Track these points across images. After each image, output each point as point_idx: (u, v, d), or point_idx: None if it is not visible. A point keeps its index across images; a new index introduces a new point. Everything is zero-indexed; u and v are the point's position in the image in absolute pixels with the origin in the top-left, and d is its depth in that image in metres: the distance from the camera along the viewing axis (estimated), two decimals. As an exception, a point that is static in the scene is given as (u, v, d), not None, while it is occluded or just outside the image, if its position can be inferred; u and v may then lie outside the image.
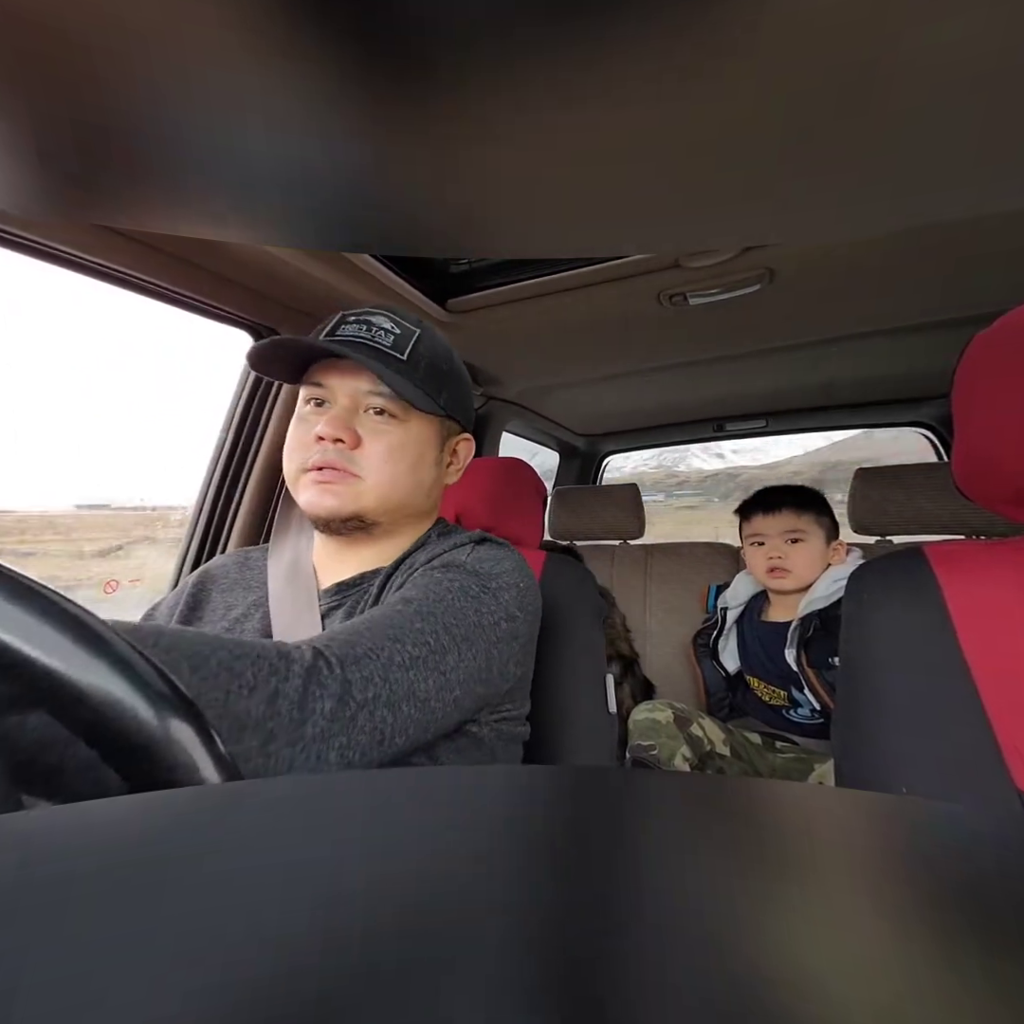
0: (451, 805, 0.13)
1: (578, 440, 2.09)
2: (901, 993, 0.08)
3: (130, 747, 0.19)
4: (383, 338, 0.49)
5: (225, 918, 0.09)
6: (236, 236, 0.50)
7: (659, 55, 0.26)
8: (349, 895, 0.10)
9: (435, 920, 0.09)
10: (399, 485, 0.49)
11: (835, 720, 0.51)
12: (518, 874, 0.11)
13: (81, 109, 0.31)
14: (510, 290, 0.93)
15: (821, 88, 0.29)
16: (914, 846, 0.13)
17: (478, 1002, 0.08)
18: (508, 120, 0.30)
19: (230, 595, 0.54)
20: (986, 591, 0.45)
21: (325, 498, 0.47)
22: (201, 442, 0.97)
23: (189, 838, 0.12)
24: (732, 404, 1.77)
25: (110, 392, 4.14)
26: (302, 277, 0.79)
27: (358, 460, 0.48)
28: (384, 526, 0.51)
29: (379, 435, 0.48)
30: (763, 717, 1.09)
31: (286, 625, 0.49)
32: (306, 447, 0.48)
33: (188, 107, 0.31)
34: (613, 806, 0.13)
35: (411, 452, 0.50)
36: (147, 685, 0.20)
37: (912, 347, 1.24)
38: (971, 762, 0.41)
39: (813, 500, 1.09)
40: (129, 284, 0.70)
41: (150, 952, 0.09)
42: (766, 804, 0.14)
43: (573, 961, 0.09)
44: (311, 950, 0.09)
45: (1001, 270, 0.86)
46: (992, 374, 0.45)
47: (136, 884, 0.10)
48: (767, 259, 0.84)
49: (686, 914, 0.10)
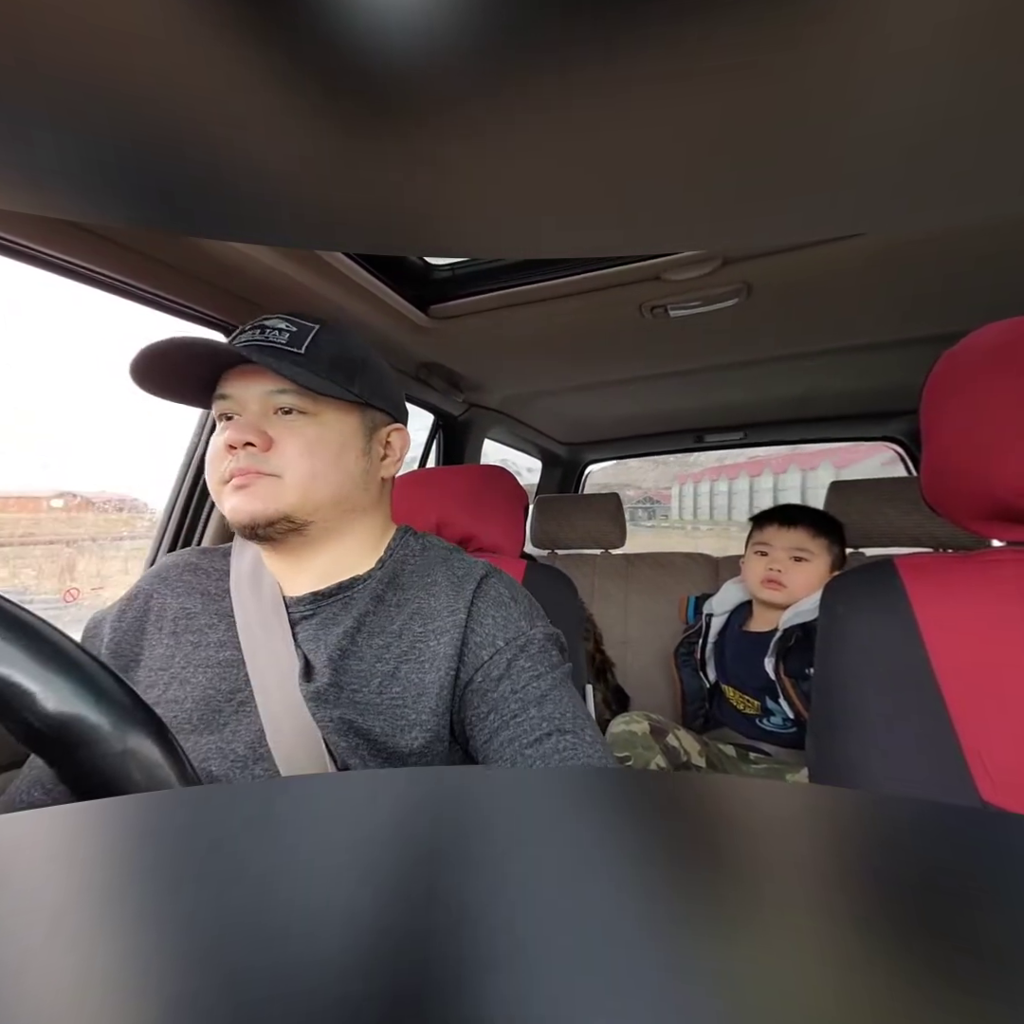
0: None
1: (560, 448, 2.10)
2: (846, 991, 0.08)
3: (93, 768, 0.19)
4: (277, 337, 0.48)
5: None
6: (204, 231, 0.49)
7: (644, 57, 0.26)
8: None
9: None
10: (321, 479, 0.48)
11: (809, 731, 0.51)
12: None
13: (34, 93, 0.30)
14: (492, 298, 0.93)
15: (808, 94, 0.29)
16: (857, 837, 0.12)
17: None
18: (480, 117, 0.30)
19: (187, 600, 0.52)
20: (953, 603, 0.46)
21: (245, 502, 0.46)
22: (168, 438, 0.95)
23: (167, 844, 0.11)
24: (711, 416, 1.80)
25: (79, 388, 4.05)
26: (281, 280, 0.78)
27: (272, 460, 0.46)
28: (319, 525, 0.49)
29: (291, 432, 0.47)
30: (737, 726, 1.10)
31: (254, 635, 0.48)
32: (221, 459, 0.47)
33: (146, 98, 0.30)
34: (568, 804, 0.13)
35: (329, 445, 0.48)
36: (110, 700, 0.19)
37: (884, 363, 1.27)
38: (938, 776, 0.42)
39: (830, 527, 1.09)
40: (97, 282, 0.68)
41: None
42: (723, 799, 0.14)
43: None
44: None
45: (970, 291, 0.90)
46: (958, 391, 0.46)
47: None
48: (745, 274, 0.85)
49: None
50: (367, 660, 0.47)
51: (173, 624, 0.51)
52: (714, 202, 0.39)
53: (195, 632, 0.50)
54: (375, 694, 0.46)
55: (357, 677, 0.46)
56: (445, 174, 0.36)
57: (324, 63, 0.27)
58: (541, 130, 0.31)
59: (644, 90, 0.28)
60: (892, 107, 0.30)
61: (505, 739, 0.44)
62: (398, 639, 0.48)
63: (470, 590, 0.50)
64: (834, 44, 0.26)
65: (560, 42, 0.25)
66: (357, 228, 0.45)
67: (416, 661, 0.47)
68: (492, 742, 0.44)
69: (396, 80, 0.28)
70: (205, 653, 0.48)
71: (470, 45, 0.25)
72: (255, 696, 0.45)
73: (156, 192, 0.39)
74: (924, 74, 0.27)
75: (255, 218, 0.43)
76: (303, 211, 0.42)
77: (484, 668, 0.46)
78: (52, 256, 0.62)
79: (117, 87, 0.29)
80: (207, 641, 0.49)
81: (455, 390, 1.34)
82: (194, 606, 0.51)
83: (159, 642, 0.50)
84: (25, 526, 1.39)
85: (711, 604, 1.21)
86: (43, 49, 0.27)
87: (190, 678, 0.47)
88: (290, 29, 0.25)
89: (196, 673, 0.47)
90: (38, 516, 1.38)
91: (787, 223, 0.42)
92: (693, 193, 0.38)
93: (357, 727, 0.44)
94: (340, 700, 0.45)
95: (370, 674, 0.46)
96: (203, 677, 0.47)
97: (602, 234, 0.44)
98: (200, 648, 0.49)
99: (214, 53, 0.27)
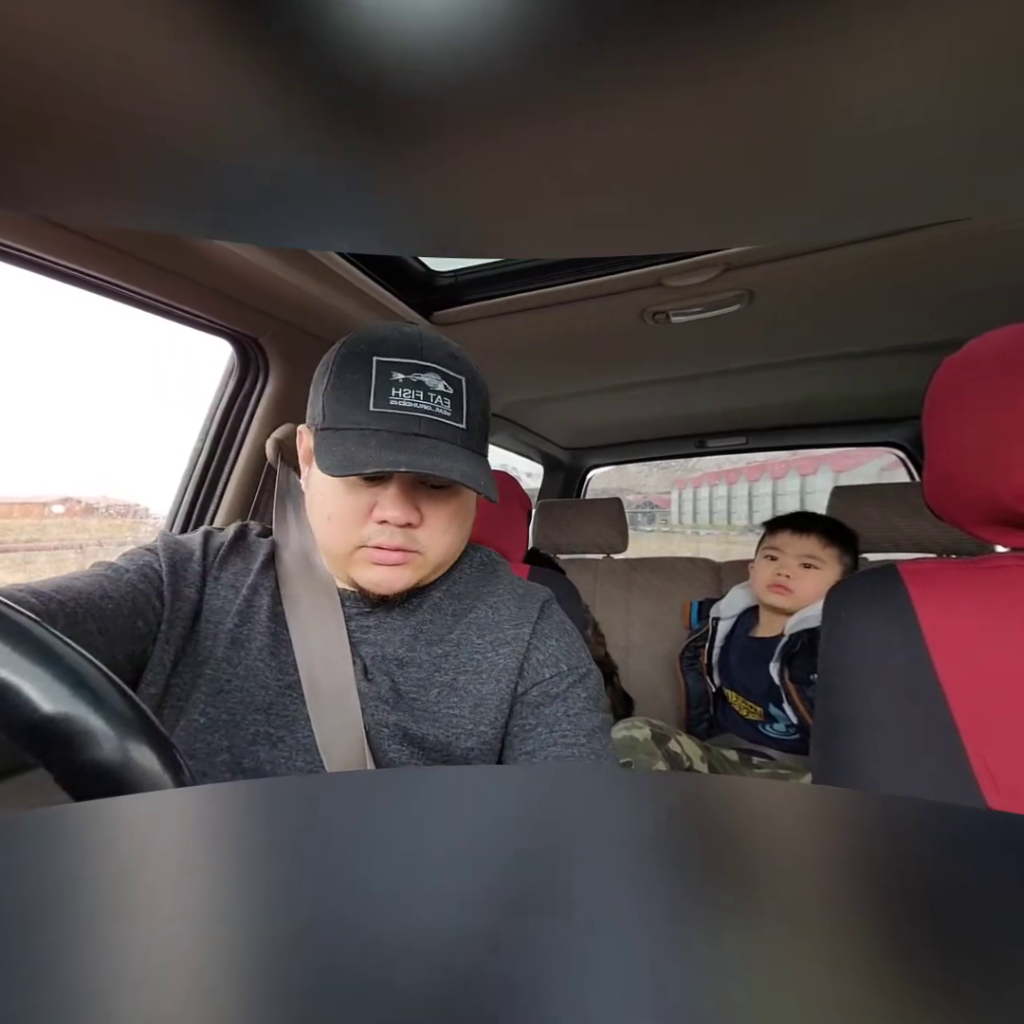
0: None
1: (562, 454, 2.10)
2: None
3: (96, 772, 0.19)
4: (442, 405, 0.43)
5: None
6: (203, 232, 0.49)
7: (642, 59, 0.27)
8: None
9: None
10: (454, 551, 0.49)
11: (813, 738, 0.51)
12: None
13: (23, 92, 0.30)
14: (495, 304, 0.94)
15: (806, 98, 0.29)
16: (871, 842, 0.13)
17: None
18: (479, 117, 0.30)
19: (231, 565, 0.50)
20: (957, 609, 0.46)
21: (395, 581, 0.45)
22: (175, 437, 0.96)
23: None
24: (713, 421, 1.80)
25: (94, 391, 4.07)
26: (284, 287, 0.78)
27: (421, 539, 0.46)
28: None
29: (438, 508, 0.46)
30: (740, 731, 1.09)
31: (301, 619, 0.46)
32: (362, 524, 0.44)
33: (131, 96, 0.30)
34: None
35: (463, 516, 0.49)
36: (110, 707, 0.19)
37: (885, 369, 1.28)
38: (943, 782, 0.41)
39: (843, 537, 1.09)
40: (99, 288, 0.69)
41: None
42: (735, 802, 0.14)
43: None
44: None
45: (971, 298, 0.90)
46: (960, 397, 0.46)
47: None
48: (747, 281, 0.86)
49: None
50: (426, 669, 0.47)
51: (232, 578, 0.49)
52: (714, 202, 0.39)
53: (247, 591, 0.48)
54: (433, 703, 0.46)
55: (416, 685, 0.46)
56: (445, 173, 0.36)
57: (322, 63, 0.27)
58: (540, 130, 0.32)
59: (644, 90, 0.29)
60: (899, 108, 0.30)
61: (552, 755, 0.44)
62: (456, 648, 0.48)
63: (535, 609, 0.51)
64: (839, 46, 0.26)
65: (560, 42, 0.26)
66: (357, 227, 0.45)
67: (475, 672, 0.47)
68: (536, 754, 0.45)
69: (395, 79, 0.28)
70: (257, 617, 0.47)
71: (468, 44, 0.25)
72: (302, 683, 0.45)
73: (156, 193, 0.39)
74: (935, 75, 0.28)
75: (254, 218, 0.43)
76: (302, 211, 0.42)
77: (542, 685, 0.47)
78: (58, 264, 0.63)
79: (114, 87, 0.30)
80: (259, 604, 0.47)
81: (458, 396, 1.35)
82: (237, 572, 0.50)
83: (216, 593, 0.48)
84: (30, 532, 1.39)
85: (718, 608, 1.21)
86: (43, 49, 0.27)
87: (245, 642, 0.46)
88: (288, 29, 0.25)
89: (249, 638, 0.46)
90: (43, 522, 1.38)
91: (804, 223, 0.42)
92: (698, 193, 0.38)
93: (412, 734, 0.45)
94: (399, 705, 0.45)
95: (429, 683, 0.46)
96: (254, 645, 0.46)
97: (601, 234, 0.45)
98: (252, 610, 0.47)
99: (213, 53, 0.27)
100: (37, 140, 0.34)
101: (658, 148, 0.33)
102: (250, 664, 0.45)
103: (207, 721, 0.43)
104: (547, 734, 0.45)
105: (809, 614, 1.01)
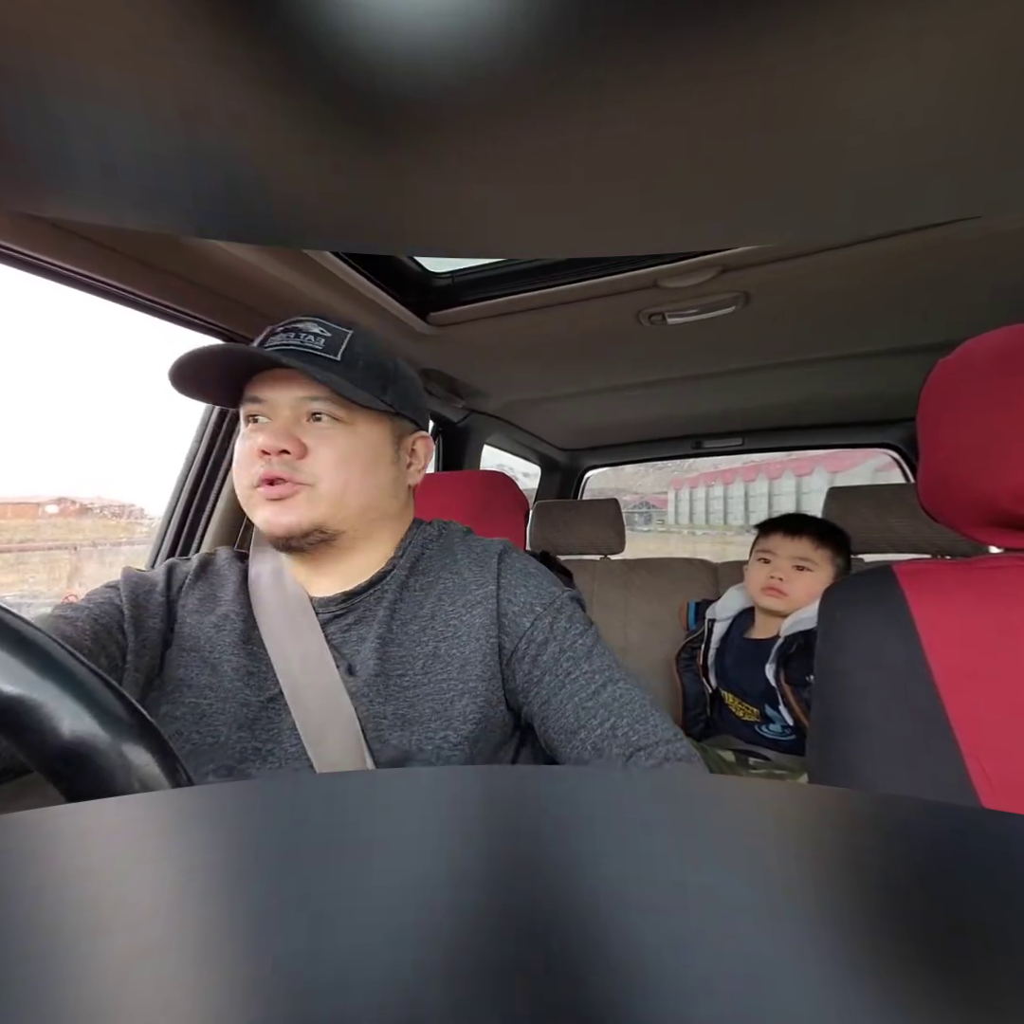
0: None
1: (559, 454, 2.10)
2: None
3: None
4: (313, 342, 0.47)
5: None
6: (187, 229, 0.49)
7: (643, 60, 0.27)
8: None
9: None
10: (355, 490, 0.48)
11: (809, 738, 0.51)
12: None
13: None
14: (491, 305, 0.94)
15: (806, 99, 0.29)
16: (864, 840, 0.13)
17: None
18: (477, 116, 0.30)
19: (205, 589, 0.52)
20: (952, 609, 0.46)
21: (280, 515, 0.46)
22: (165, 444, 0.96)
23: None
24: (710, 422, 1.80)
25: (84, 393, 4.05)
26: (282, 287, 0.78)
27: (306, 469, 0.46)
28: (349, 534, 0.49)
29: (326, 440, 0.47)
30: (737, 732, 1.10)
31: (278, 637, 0.48)
32: (251, 463, 0.46)
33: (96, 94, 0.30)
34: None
35: (363, 455, 0.48)
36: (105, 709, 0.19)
37: (881, 370, 1.28)
38: (938, 782, 0.42)
39: (835, 539, 1.09)
40: (98, 289, 0.68)
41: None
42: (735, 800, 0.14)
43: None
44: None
45: (967, 300, 0.90)
46: (954, 399, 0.47)
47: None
48: (743, 283, 0.86)
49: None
50: (406, 646, 0.48)
51: (198, 604, 0.51)
52: (715, 203, 0.39)
53: (216, 617, 0.50)
54: (420, 674, 0.47)
55: (400, 663, 0.47)
56: (443, 172, 0.36)
57: (320, 64, 0.27)
58: (540, 130, 0.32)
59: (646, 90, 0.29)
60: (898, 108, 0.30)
61: (565, 696, 0.46)
62: (431, 621, 0.49)
63: (494, 563, 0.52)
64: (840, 46, 0.26)
65: (561, 41, 0.26)
66: (356, 227, 0.45)
67: (454, 637, 0.48)
68: (551, 702, 0.46)
69: (395, 79, 0.28)
70: (229, 639, 0.48)
71: (468, 43, 0.25)
72: (285, 695, 0.46)
73: (154, 192, 0.39)
74: (934, 77, 0.28)
75: (252, 218, 0.43)
76: (300, 210, 0.42)
77: (528, 635, 0.48)
78: (53, 265, 0.63)
79: (113, 87, 0.30)
80: (230, 628, 0.49)
81: (455, 396, 1.35)
82: (213, 596, 0.52)
83: (183, 620, 0.50)
84: (24, 533, 1.38)
85: (714, 609, 1.21)
86: (43, 49, 0.27)
87: (219, 665, 0.47)
88: (286, 28, 0.25)
89: (222, 661, 0.47)
90: (36, 522, 1.38)
91: (804, 223, 0.42)
92: (698, 193, 0.38)
93: (410, 718, 0.45)
94: (389, 690, 0.46)
95: (412, 657, 0.47)
96: (228, 667, 0.47)
97: (600, 234, 0.45)
98: (223, 634, 0.49)
99: (212, 53, 0.27)
100: (34, 138, 0.33)
101: (658, 148, 0.33)
102: (227, 686, 0.46)
103: (191, 748, 0.44)
104: (554, 680, 0.47)
105: (804, 616, 1.01)
